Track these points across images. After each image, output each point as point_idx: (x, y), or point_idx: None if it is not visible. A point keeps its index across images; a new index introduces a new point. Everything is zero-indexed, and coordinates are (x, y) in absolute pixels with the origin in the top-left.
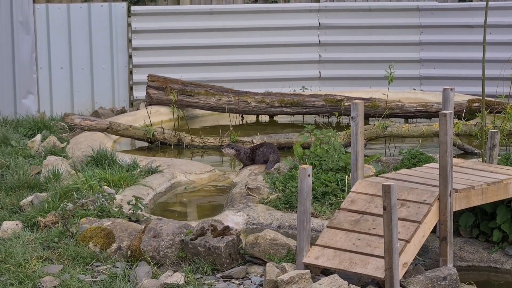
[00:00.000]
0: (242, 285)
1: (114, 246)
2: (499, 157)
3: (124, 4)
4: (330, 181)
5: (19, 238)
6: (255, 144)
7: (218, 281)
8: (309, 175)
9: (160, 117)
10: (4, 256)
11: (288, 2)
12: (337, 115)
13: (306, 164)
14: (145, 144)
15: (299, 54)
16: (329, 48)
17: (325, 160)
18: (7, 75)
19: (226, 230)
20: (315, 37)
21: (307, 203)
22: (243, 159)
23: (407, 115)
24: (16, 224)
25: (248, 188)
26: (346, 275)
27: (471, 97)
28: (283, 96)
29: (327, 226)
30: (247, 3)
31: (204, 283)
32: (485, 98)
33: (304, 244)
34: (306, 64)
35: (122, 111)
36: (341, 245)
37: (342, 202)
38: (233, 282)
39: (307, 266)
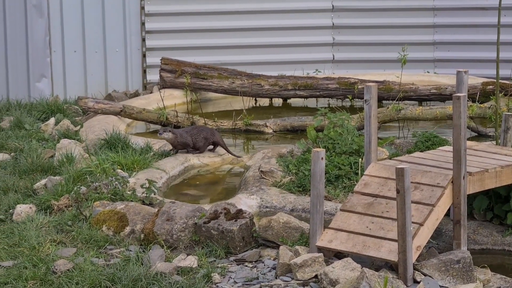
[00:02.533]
0: (255, 268)
1: (128, 229)
2: None
3: None
4: (343, 164)
5: (32, 221)
6: (189, 127)
7: (231, 264)
8: (322, 158)
9: (173, 100)
10: (18, 239)
11: None
12: (350, 98)
13: (320, 147)
14: (159, 127)
15: (313, 37)
16: (342, 30)
17: (338, 143)
18: (20, 58)
19: (239, 213)
20: (329, 20)
21: (320, 186)
22: (179, 142)
23: (421, 98)
24: (30, 208)
25: (261, 171)
26: (359, 259)
27: (485, 79)
28: (297, 79)
29: (341, 209)
30: None
31: (217, 266)
32: (500, 80)
33: (317, 227)
34: (320, 47)
35: (136, 94)
36: (355, 228)
37: (356, 185)
38: (246, 265)
39: (320, 249)
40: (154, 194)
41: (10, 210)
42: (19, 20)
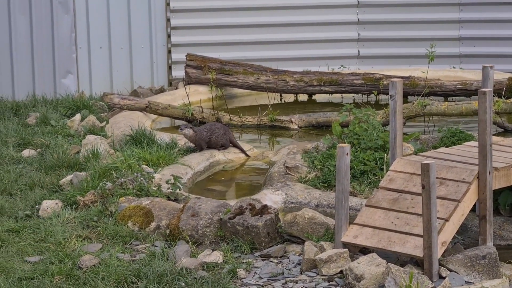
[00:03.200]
0: (280, 264)
1: (153, 225)
2: None
3: None
4: (368, 160)
5: (58, 217)
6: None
7: (256, 259)
8: (347, 153)
9: (198, 96)
10: (44, 235)
11: None
12: (376, 93)
13: (345, 142)
14: (184, 123)
15: (338, 33)
16: (368, 26)
17: (363, 139)
18: (46, 55)
19: (264, 209)
20: (354, 16)
21: (345, 182)
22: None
23: (447, 93)
24: (56, 203)
25: (286, 167)
26: (384, 254)
27: (511, 75)
28: (322, 74)
29: (366, 205)
30: None
31: (243, 262)
32: None
33: (342, 223)
34: (345, 42)
35: (161, 90)
36: (380, 223)
37: (381, 180)
38: (271, 261)
39: (345, 245)
40: (180, 190)
41: (37, 206)
42: (45, 16)
